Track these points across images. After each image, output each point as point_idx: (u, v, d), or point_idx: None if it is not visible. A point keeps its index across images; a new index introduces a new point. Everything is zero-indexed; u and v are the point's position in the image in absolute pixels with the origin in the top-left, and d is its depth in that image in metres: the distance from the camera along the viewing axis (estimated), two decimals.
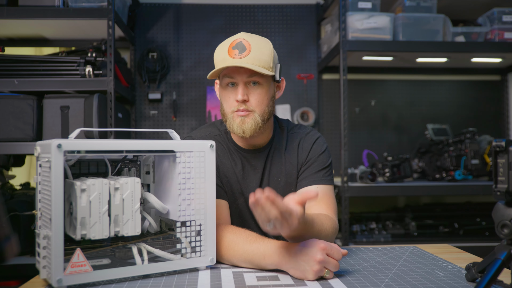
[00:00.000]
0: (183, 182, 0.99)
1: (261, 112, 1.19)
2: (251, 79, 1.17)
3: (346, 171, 2.37)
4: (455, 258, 1.13)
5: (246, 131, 1.18)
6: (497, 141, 0.76)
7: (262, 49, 1.17)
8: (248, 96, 1.18)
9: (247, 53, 1.14)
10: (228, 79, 1.18)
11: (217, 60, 1.20)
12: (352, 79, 2.96)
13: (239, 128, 1.18)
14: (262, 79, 1.18)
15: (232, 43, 1.17)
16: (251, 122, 1.18)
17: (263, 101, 1.19)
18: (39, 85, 2.14)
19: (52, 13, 2.21)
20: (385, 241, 2.59)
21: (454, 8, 2.79)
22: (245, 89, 1.17)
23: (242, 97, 1.16)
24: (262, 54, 1.16)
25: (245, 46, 1.15)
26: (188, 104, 2.93)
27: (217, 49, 1.22)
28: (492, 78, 3.15)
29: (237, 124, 1.18)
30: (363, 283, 0.92)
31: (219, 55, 1.19)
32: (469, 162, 2.51)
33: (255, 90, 1.18)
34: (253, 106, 1.18)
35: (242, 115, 1.18)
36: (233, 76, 1.17)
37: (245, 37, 1.18)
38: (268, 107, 1.21)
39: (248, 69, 1.15)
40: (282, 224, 0.89)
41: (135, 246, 0.97)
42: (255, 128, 1.18)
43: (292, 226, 0.90)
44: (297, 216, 0.89)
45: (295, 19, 3.01)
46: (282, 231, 0.92)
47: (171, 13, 2.94)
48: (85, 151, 0.90)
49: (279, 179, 1.29)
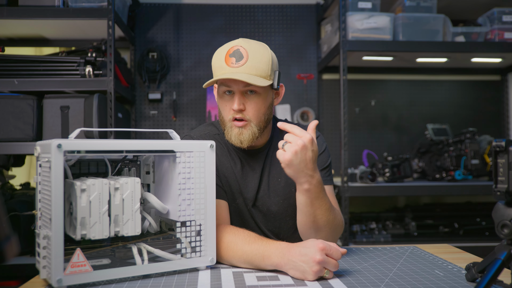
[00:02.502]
0: (183, 182, 0.99)
1: (257, 121, 1.19)
2: (247, 88, 1.16)
3: (346, 171, 2.37)
4: (455, 258, 1.13)
5: (244, 142, 1.19)
6: (497, 141, 0.76)
7: (260, 57, 1.15)
8: (245, 105, 1.17)
9: (244, 61, 1.13)
10: (224, 87, 1.17)
11: (214, 67, 1.19)
12: (352, 79, 2.96)
13: (236, 139, 1.19)
14: (259, 88, 1.17)
15: (229, 50, 1.16)
16: (248, 133, 1.18)
17: (260, 110, 1.19)
18: (39, 85, 2.14)
19: (52, 13, 2.21)
20: (385, 241, 2.59)
21: (454, 8, 2.79)
22: (241, 98, 1.16)
23: (238, 106, 1.15)
24: (259, 63, 1.14)
25: (242, 54, 1.14)
26: (188, 104, 2.93)
27: (215, 55, 1.21)
28: (492, 78, 3.15)
29: (234, 135, 1.19)
30: (363, 283, 0.92)
31: (216, 62, 1.18)
32: (469, 162, 2.51)
33: (252, 99, 1.17)
34: (250, 115, 1.17)
35: (239, 125, 1.18)
36: (229, 85, 1.16)
37: (243, 44, 1.16)
38: (265, 116, 1.21)
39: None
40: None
41: (135, 246, 0.97)
42: (252, 139, 1.19)
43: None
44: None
45: (295, 19, 3.01)
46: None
47: (171, 13, 2.94)
48: (85, 151, 0.90)
49: (279, 180, 1.28)
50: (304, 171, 1.03)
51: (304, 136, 1.02)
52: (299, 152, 1.01)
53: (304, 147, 1.01)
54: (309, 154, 1.03)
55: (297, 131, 1.03)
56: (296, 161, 1.02)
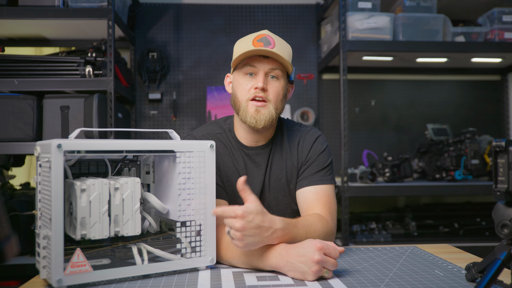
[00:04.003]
0: (183, 182, 0.99)
1: (275, 105, 1.22)
2: (272, 71, 1.20)
3: (346, 171, 2.37)
4: (455, 258, 1.13)
5: (259, 121, 1.19)
6: (497, 141, 0.76)
7: (285, 46, 1.22)
8: (267, 86, 1.20)
9: (272, 46, 1.18)
10: (249, 67, 1.20)
11: (240, 50, 1.20)
12: (352, 79, 2.96)
13: (252, 118, 1.20)
14: (281, 74, 1.22)
15: (257, 36, 1.20)
16: (265, 113, 1.19)
17: (279, 95, 1.22)
18: (39, 85, 2.14)
19: (52, 13, 2.21)
20: (385, 241, 2.59)
21: (454, 8, 2.79)
22: (265, 79, 1.20)
23: (262, 84, 1.18)
24: (285, 51, 1.21)
25: (270, 41, 1.19)
26: (188, 104, 2.93)
27: (239, 42, 1.25)
28: (492, 78, 3.15)
29: (250, 114, 1.20)
30: (363, 283, 0.92)
31: (242, 46, 1.20)
32: (469, 162, 2.51)
33: (273, 83, 1.21)
34: (270, 96, 1.20)
35: (258, 105, 1.19)
36: (255, 65, 1.20)
37: (269, 34, 1.22)
38: (282, 103, 1.24)
39: (271, 61, 1.19)
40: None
41: (135, 246, 0.97)
42: (269, 120, 1.20)
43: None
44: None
45: (295, 19, 3.01)
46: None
47: (171, 13, 2.94)
48: (85, 151, 0.90)
49: (280, 176, 1.29)
50: (264, 240, 0.95)
51: (237, 214, 0.92)
52: (247, 232, 0.92)
53: (244, 226, 0.91)
54: (254, 223, 0.92)
55: (229, 213, 0.93)
56: (250, 240, 0.93)
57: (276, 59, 1.19)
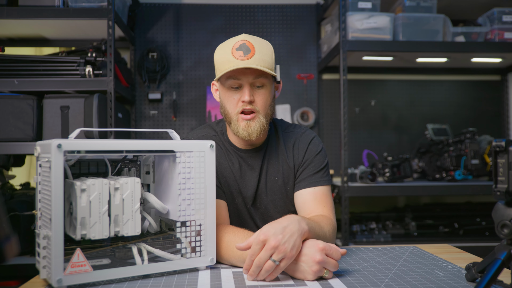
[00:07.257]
0: (183, 182, 0.99)
1: (265, 113, 1.20)
2: (256, 80, 1.17)
3: (346, 171, 2.37)
4: (455, 258, 1.13)
5: (252, 134, 1.19)
6: (497, 141, 0.76)
7: (265, 50, 1.17)
8: (254, 97, 1.18)
9: (251, 54, 1.14)
10: (233, 81, 1.17)
11: (220, 61, 1.18)
12: (352, 79, 2.96)
13: (244, 132, 1.19)
14: (266, 81, 1.18)
15: (235, 44, 1.16)
16: (256, 125, 1.18)
17: (267, 102, 1.20)
18: (39, 85, 2.14)
19: (52, 13, 2.21)
20: (385, 241, 2.59)
21: (454, 8, 2.79)
22: (250, 90, 1.17)
23: (249, 97, 1.16)
24: (265, 56, 1.16)
25: (249, 47, 1.15)
26: (188, 104, 2.93)
27: (218, 50, 1.21)
28: (492, 78, 3.15)
29: (242, 128, 1.19)
30: (363, 283, 0.92)
31: (222, 57, 1.18)
32: (469, 162, 2.51)
33: (259, 91, 1.19)
34: (258, 107, 1.18)
35: (247, 118, 1.18)
36: (238, 78, 1.16)
37: (247, 38, 1.18)
38: (271, 108, 1.23)
39: (254, 71, 1.15)
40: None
41: (135, 246, 0.97)
42: (260, 130, 1.19)
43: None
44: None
45: (295, 19, 3.01)
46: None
47: (171, 13, 2.94)
48: (85, 151, 0.90)
49: (276, 178, 1.29)
50: (298, 240, 0.93)
51: (261, 239, 0.91)
52: (286, 245, 0.91)
53: (278, 244, 0.90)
54: (286, 237, 0.91)
55: (252, 240, 0.92)
56: (287, 245, 0.91)
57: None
